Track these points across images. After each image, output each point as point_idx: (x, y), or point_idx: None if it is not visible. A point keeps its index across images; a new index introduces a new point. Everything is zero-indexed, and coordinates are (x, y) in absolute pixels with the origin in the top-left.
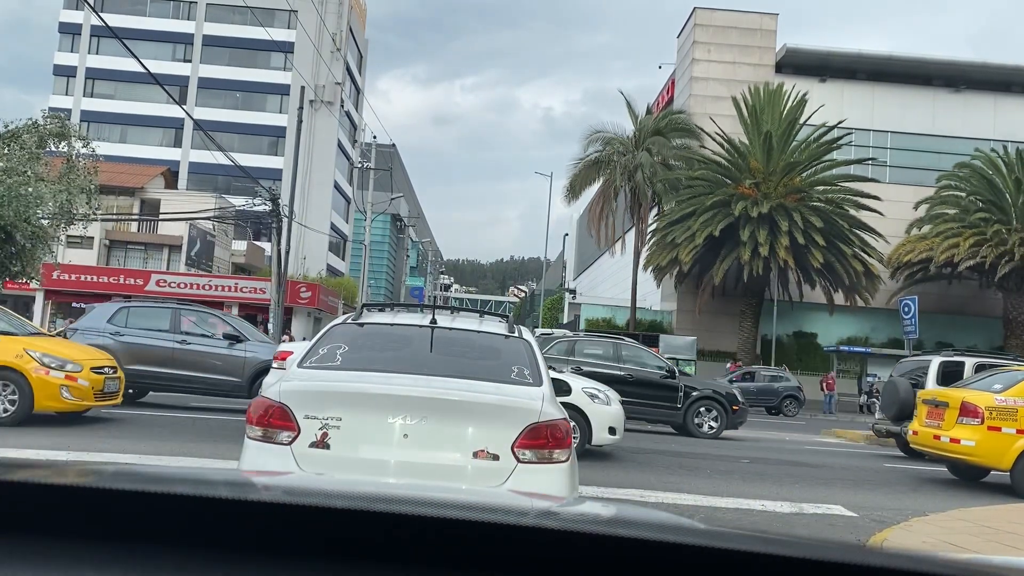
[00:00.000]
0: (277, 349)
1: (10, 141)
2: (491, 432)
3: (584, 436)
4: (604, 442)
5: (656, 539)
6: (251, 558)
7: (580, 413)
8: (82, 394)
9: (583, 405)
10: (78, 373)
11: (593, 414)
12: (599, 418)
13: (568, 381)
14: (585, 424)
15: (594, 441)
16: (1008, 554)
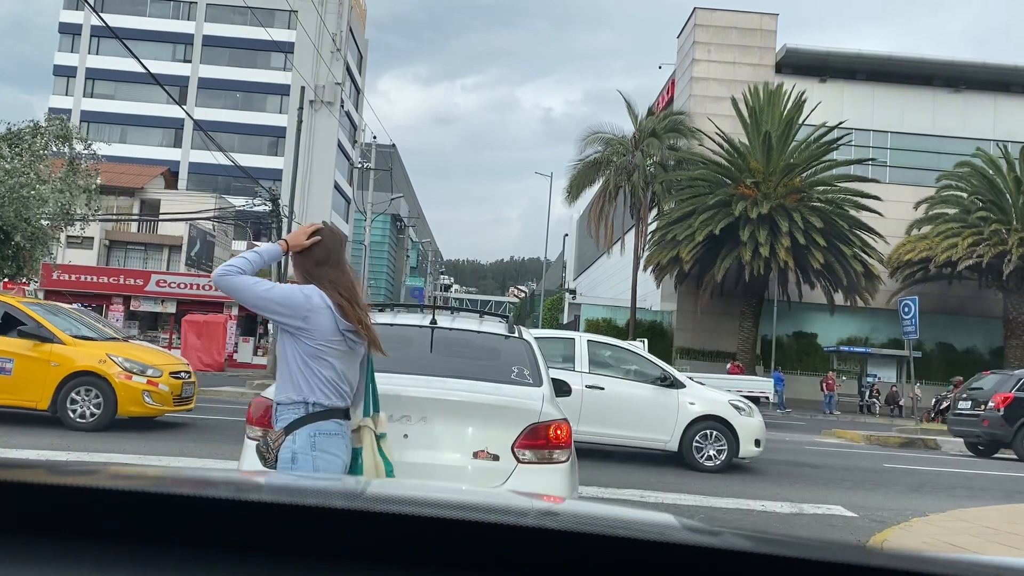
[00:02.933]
0: None
1: (14, 142)
2: (491, 432)
3: (731, 449)
4: (750, 454)
5: (656, 539)
6: (251, 558)
7: (727, 425)
8: (162, 399)
9: (730, 417)
10: (158, 378)
11: (740, 426)
12: (745, 430)
13: (711, 392)
14: (732, 436)
15: (741, 453)
16: (1008, 554)
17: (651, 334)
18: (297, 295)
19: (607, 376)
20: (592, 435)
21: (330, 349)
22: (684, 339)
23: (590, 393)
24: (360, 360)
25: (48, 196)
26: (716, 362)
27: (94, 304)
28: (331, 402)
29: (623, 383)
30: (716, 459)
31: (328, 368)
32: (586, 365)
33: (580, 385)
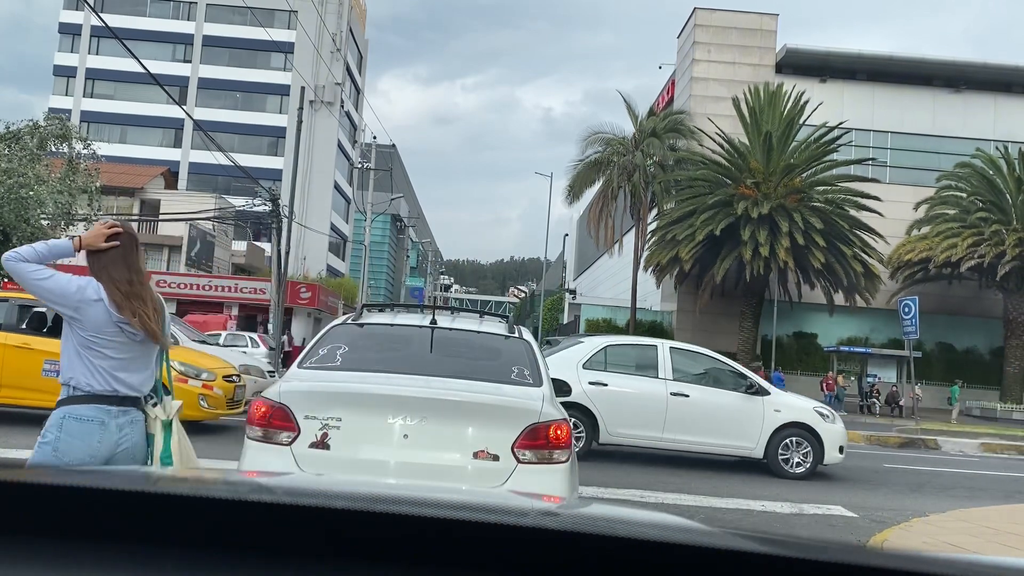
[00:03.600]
0: None
1: (11, 142)
2: (491, 432)
3: (816, 455)
4: (834, 461)
5: (657, 539)
6: (251, 558)
7: (812, 432)
8: (217, 403)
9: (815, 424)
10: (213, 382)
11: (825, 433)
12: (830, 437)
13: (795, 399)
14: (817, 444)
15: (826, 460)
16: (1008, 554)
17: (651, 334)
18: (70, 286)
19: (691, 384)
20: (677, 443)
21: (104, 340)
22: (684, 339)
23: (675, 401)
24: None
25: (46, 197)
26: None
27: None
28: (95, 388)
29: (708, 391)
30: (802, 466)
31: (101, 358)
32: (670, 373)
33: (665, 393)
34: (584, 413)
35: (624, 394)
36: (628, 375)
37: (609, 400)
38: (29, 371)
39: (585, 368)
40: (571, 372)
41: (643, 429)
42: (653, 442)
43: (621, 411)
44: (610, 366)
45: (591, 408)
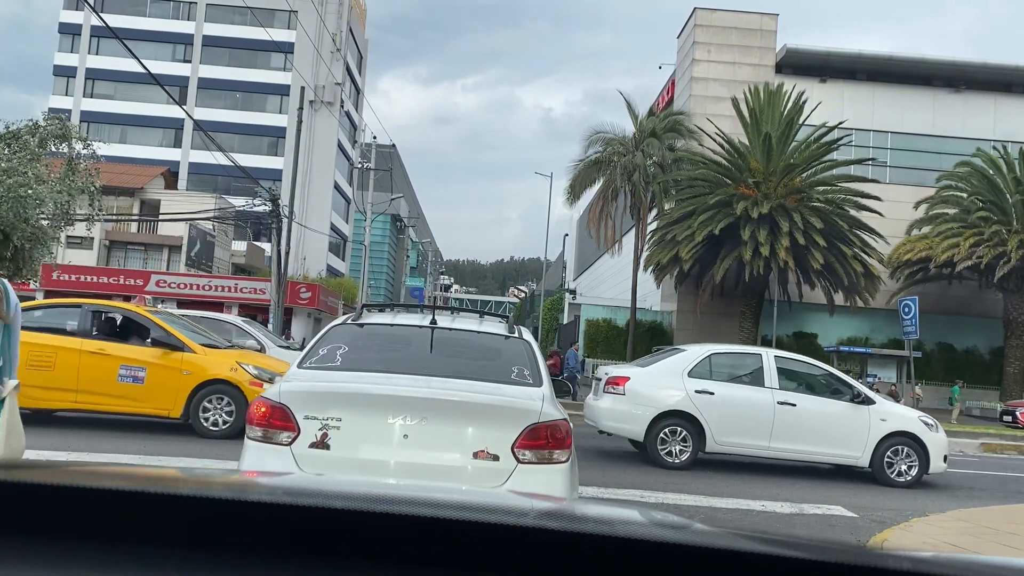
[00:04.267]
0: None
1: (11, 142)
2: (491, 432)
3: (922, 465)
4: (938, 470)
5: (657, 539)
6: (251, 558)
7: (918, 442)
8: None
9: (920, 433)
10: None
11: (930, 443)
12: (935, 447)
13: (900, 408)
14: (923, 453)
15: (931, 469)
16: (1008, 554)
17: (651, 334)
18: None
19: (797, 393)
20: (783, 452)
21: None
22: (684, 339)
23: (782, 410)
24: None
25: (46, 197)
26: None
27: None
28: None
29: (815, 400)
30: (907, 475)
31: None
32: (775, 381)
33: (772, 402)
34: (690, 422)
35: (731, 403)
36: (734, 384)
37: (716, 409)
38: (105, 376)
39: (690, 377)
40: (677, 381)
41: (750, 438)
42: (759, 451)
43: (728, 420)
44: (714, 374)
45: (698, 417)
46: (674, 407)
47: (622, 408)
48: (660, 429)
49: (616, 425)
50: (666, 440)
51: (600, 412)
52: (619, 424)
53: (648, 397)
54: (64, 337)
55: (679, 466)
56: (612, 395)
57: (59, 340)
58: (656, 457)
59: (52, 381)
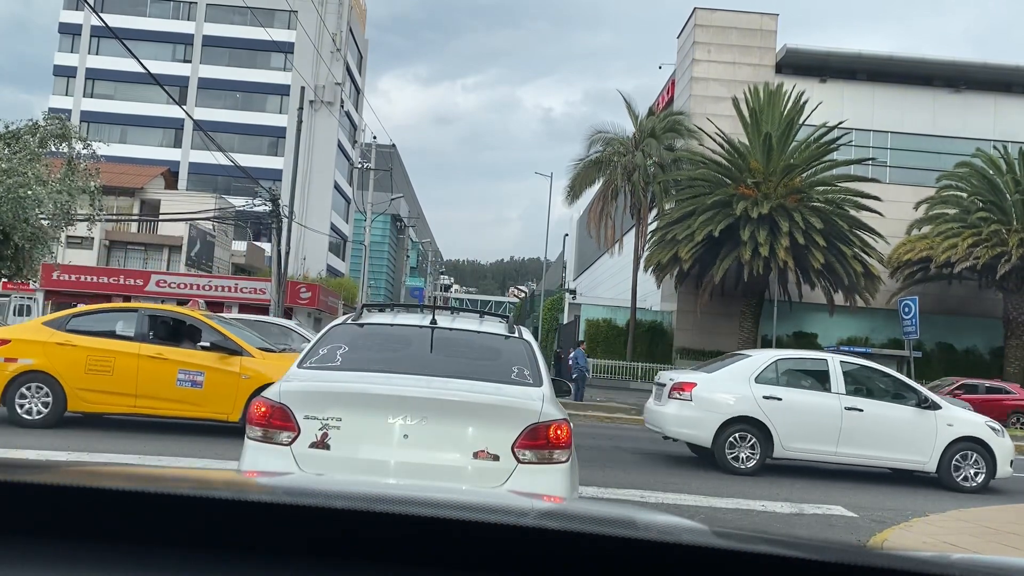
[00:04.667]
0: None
1: (11, 142)
2: (491, 432)
3: (989, 470)
4: (1005, 475)
5: (657, 539)
6: (251, 558)
7: (985, 447)
8: None
9: (987, 438)
10: None
11: (997, 448)
12: (1002, 452)
13: (967, 414)
14: (990, 458)
15: (998, 475)
16: (1008, 554)
17: (651, 334)
18: None
19: (864, 398)
20: (850, 457)
21: None
22: (684, 339)
23: (849, 415)
24: None
25: (45, 197)
26: None
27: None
28: None
29: (881, 405)
30: (974, 480)
31: None
32: (842, 387)
33: (839, 407)
34: (758, 427)
35: (799, 408)
36: (801, 389)
37: (783, 414)
38: (164, 381)
39: (757, 382)
40: (744, 387)
41: (817, 444)
42: (827, 457)
43: (795, 426)
44: (780, 380)
45: (766, 423)
46: (742, 413)
47: (689, 414)
48: (728, 435)
49: (682, 431)
50: (734, 446)
51: (666, 418)
52: (686, 430)
53: (716, 403)
54: (122, 342)
55: (747, 472)
56: (678, 401)
57: (117, 345)
58: (724, 463)
59: (111, 386)
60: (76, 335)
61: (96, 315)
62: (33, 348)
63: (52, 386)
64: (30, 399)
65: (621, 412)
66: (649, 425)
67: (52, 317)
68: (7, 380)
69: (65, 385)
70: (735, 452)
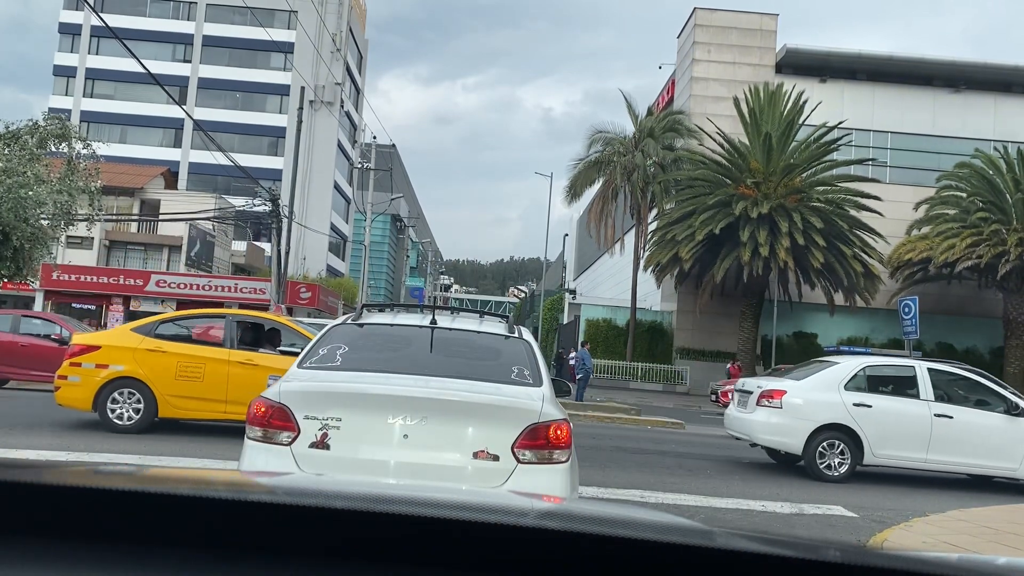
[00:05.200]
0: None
1: (10, 142)
2: (491, 432)
3: None
4: None
5: (657, 540)
6: (251, 558)
7: None
8: None
9: None
10: None
11: None
12: None
13: None
14: None
15: None
16: (1008, 554)
17: (651, 334)
18: None
19: (953, 405)
20: (940, 464)
21: None
22: (684, 339)
23: (939, 422)
24: None
25: (45, 197)
26: (716, 362)
27: (94, 304)
28: None
29: (971, 412)
30: None
31: None
32: (931, 393)
33: (928, 414)
34: (848, 435)
35: (889, 416)
36: (890, 396)
37: (874, 422)
38: (254, 387)
39: (846, 389)
40: (834, 394)
41: (907, 451)
42: (917, 464)
43: (886, 433)
44: (869, 387)
45: (856, 430)
46: (833, 420)
47: (778, 421)
48: (819, 443)
49: (772, 438)
50: (824, 453)
51: (754, 425)
52: (775, 437)
53: (806, 411)
54: (212, 348)
55: (838, 479)
56: (767, 408)
57: (207, 351)
58: (815, 471)
59: (202, 392)
60: (165, 341)
61: (184, 320)
62: (123, 354)
63: (143, 392)
64: (121, 405)
65: (621, 412)
66: (732, 432)
67: (140, 323)
68: (99, 386)
69: (156, 391)
70: (826, 460)
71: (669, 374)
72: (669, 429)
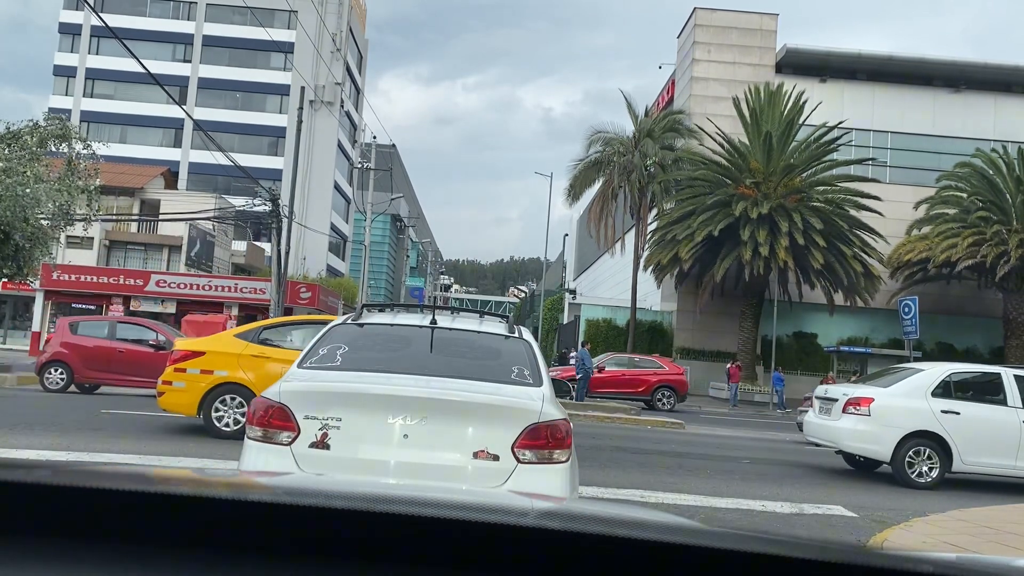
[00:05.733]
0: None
1: (11, 141)
2: (491, 432)
3: None
4: None
5: (657, 540)
6: (251, 558)
7: None
8: None
9: None
10: None
11: None
12: None
13: None
14: None
15: None
16: (1008, 554)
17: (651, 334)
18: None
19: None
20: None
21: None
22: (684, 339)
23: None
24: None
25: (42, 196)
26: (716, 362)
27: (94, 304)
28: None
29: None
30: None
31: None
32: (1019, 400)
33: (1017, 421)
34: (937, 442)
35: (977, 423)
36: (977, 403)
37: (962, 429)
38: None
39: (934, 396)
40: (921, 401)
41: (996, 458)
42: (1007, 471)
43: (975, 440)
44: (956, 394)
45: (945, 437)
46: (921, 427)
47: (865, 428)
48: (907, 450)
49: (859, 445)
50: (913, 461)
51: (841, 432)
52: (862, 444)
53: (894, 418)
54: None
55: (927, 486)
56: (855, 416)
57: None
58: (904, 478)
59: None
60: (269, 347)
61: (287, 326)
62: (228, 360)
63: (247, 398)
64: (226, 411)
65: (621, 412)
66: (813, 438)
67: (244, 329)
68: (204, 392)
69: None
70: (915, 467)
71: None
72: (669, 429)
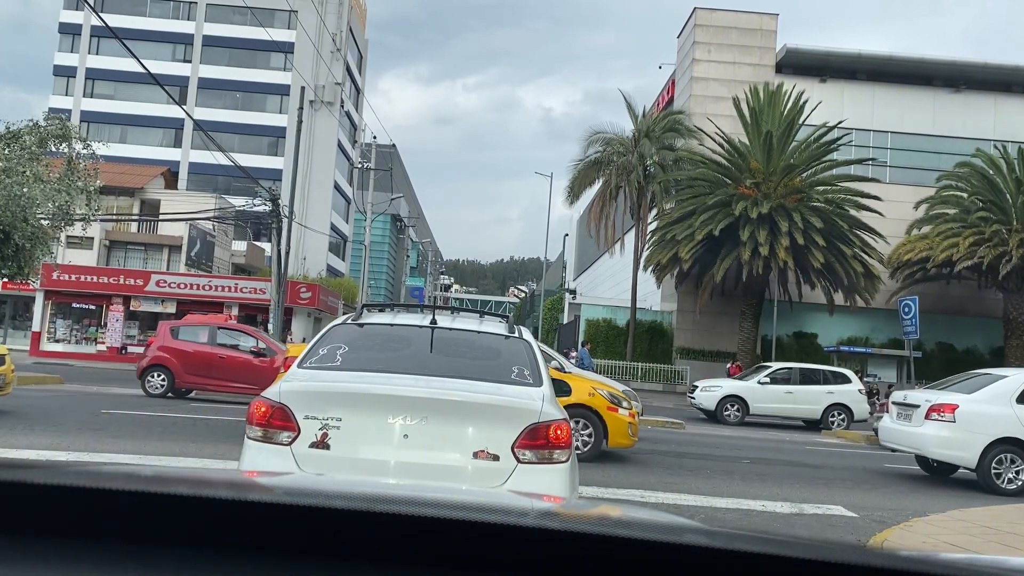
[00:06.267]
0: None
1: (10, 141)
2: (491, 432)
3: None
4: None
5: (657, 540)
6: (251, 558)
7: None
8: (635, 432)
9: None
10: (630, 411)
11: None
12: None
13: None
14: None
15: None
16: (1008, 554)
17: (651, 334)
18: None
19: None
20: None
21: None
22: (684, 339)
23: None
24: None
25: (40, 197)
26: (716, 362)
27: (94, 304)
28: None
29: None
30: None
31: None
32: None
33: None
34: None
35: None
36: None
37: None
38: None
39: (1019, 403)
40: (1007, 408)
41: None
42: None
43: None
44: None
45: None
46: (1007, 434)
47: (950, 435)
48: (993, 456)
49: (944, 452)
50: (999, 468)
51: (924, 439)
52: (947, 451)
53: (980, 425)
54: None
55: (1014, 492)
56: (938, 422)
57: None
58: (990, 484)
59: None
60: None
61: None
62: None
63: None
64: None
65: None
66: (891, 445)
67: None
68: None
69: None
70: (1001, 473)
71: (669, 374)
72: (669, 429)
